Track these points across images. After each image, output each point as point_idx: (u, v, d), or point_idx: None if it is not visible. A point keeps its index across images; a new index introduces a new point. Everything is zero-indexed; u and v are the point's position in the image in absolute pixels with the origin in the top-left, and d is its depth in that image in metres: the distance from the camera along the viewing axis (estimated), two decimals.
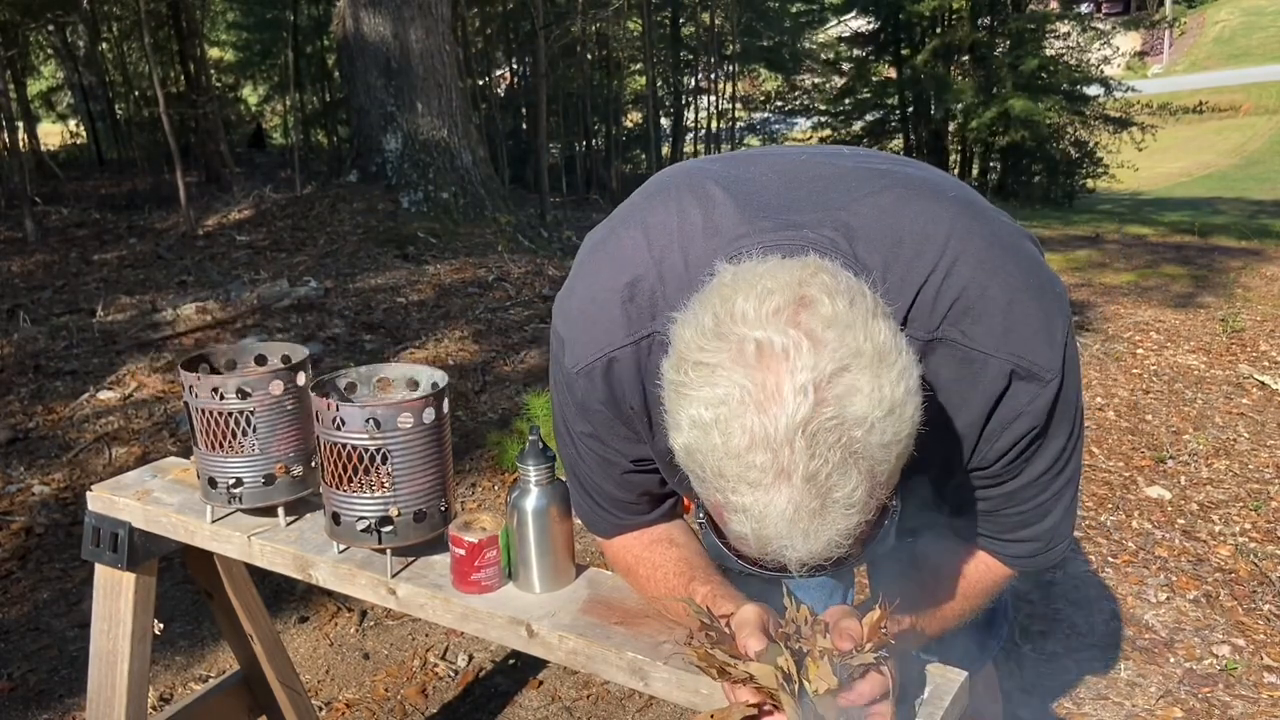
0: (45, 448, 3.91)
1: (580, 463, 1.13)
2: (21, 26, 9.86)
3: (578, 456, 1.13)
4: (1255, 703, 2.40)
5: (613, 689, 2.49)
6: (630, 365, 1.02)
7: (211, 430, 1.33)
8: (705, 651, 0.91)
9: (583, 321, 1.05)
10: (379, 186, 7.99)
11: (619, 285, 1.03)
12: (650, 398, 1.02)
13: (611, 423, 1.06)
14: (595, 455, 1.11)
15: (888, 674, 0.89)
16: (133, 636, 1.55)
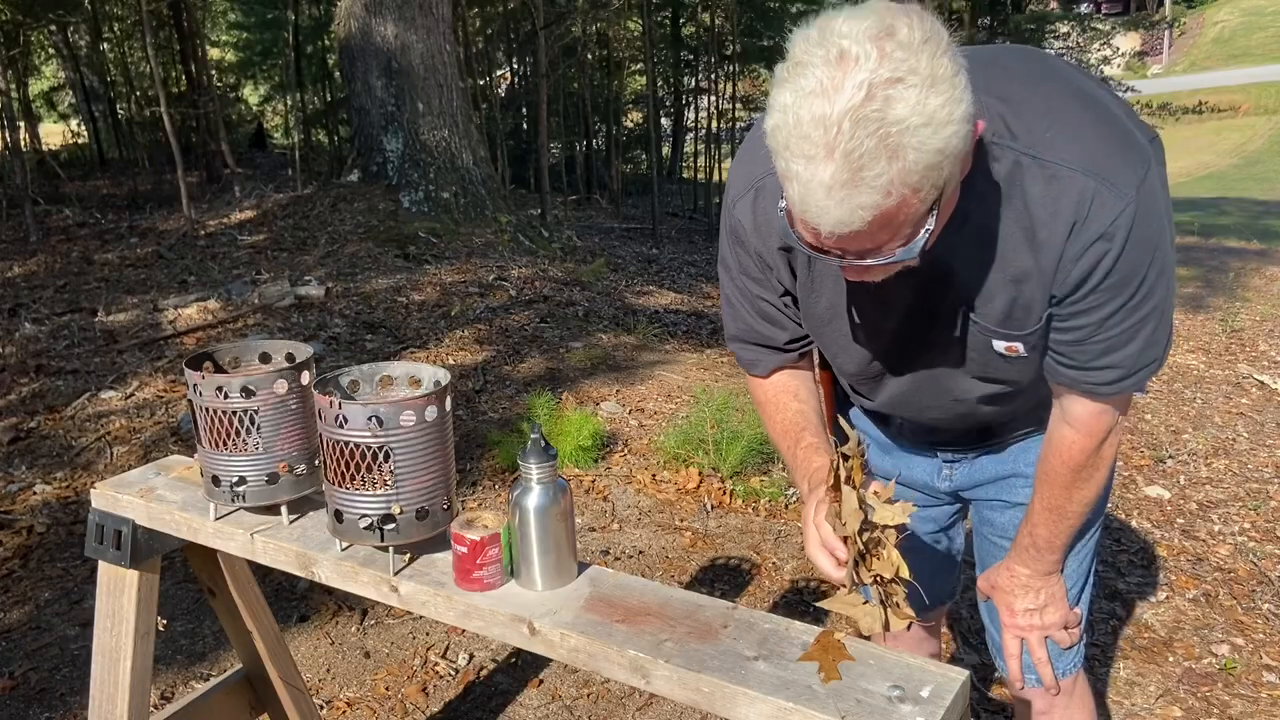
0: (47, 447, 3.91)
1: (735, 296, 1.38)
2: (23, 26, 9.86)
3: (735, 290, 1.37)
4: (1255, 701, 2.40)
5: (613, 687, 2.49)
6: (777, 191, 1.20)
7: (215, 428, 1.34)
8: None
9: (740, 160, 1.30)
10: (380, 186, 7.99)
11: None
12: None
13: (758, 254, 1.30)
14: (744, 288, 1.35)
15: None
16: (135, 634, 1.56)
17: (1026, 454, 1.48)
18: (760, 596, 2.94)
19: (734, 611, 1.12)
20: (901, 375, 1.35)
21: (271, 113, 16.43)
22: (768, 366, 1.43)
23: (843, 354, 1.37)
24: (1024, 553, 1.41)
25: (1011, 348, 1.22)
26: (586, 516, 3.45)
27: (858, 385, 1.44)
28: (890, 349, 1.32)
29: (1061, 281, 1.13)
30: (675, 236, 11.34)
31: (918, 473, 1.58)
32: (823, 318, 1.32)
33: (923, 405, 1.40)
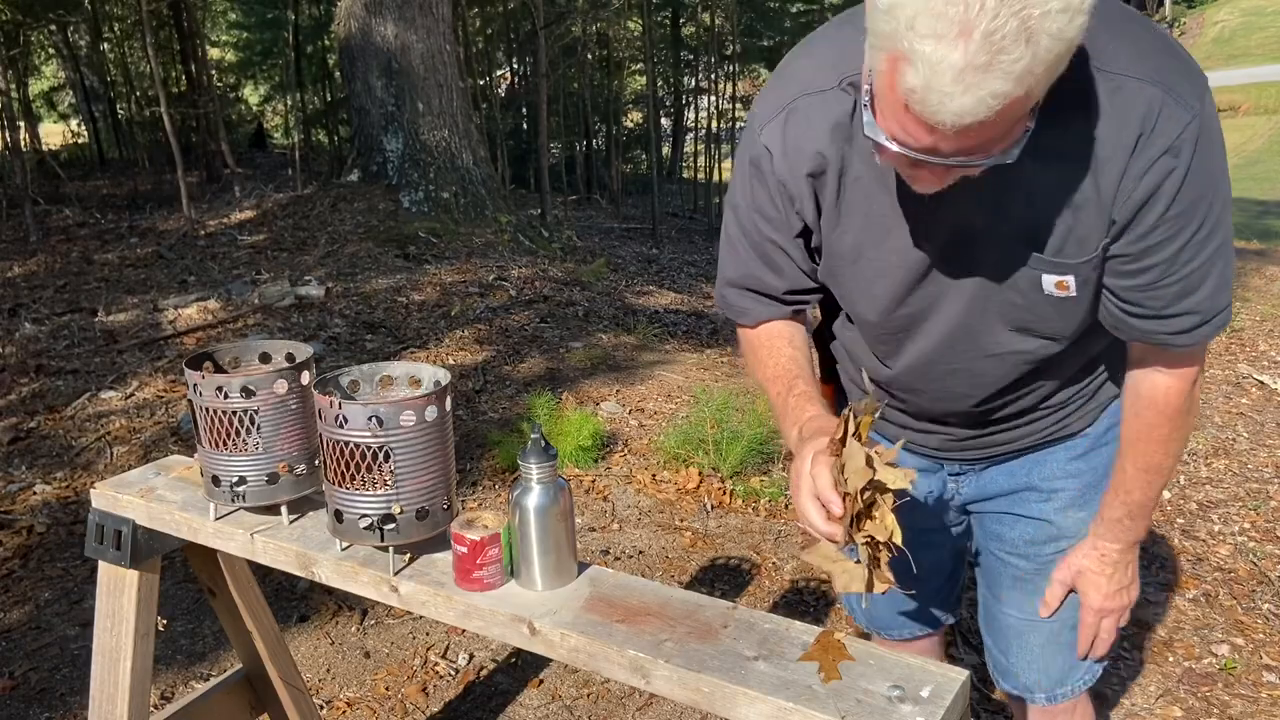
0: (47, 447, 3.91)
1: (739, 237, 1.31)
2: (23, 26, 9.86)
3: (739, 230, 1.31)
4: (1255, 701, 2.40)
5: (613, 687, 2.49)
6: (818, 107, 1.17)
7: (216, 428, 1.34)
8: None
9: (769, 89, 1.24)
10: (380, 186, 7.99)
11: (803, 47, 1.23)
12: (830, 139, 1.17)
13: (780, 184, 1.23)
14: (752, 227, 1.29)
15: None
16: (135, 634, 1.56)
17: (1041, 467, 1.43)
18: (760, 596, 2.94)
19: (734, 611, 1.12)
20: (931, 325, 1.26)
21: (271, 113, 16.43)
22: (757, 317, 1.37)
23: (865, 299, 1.28)
24: (1115, 526, 1.35)
25: (1062, 283, 1.15)
26: (586, 516, 3.45)
27: (878, 344, 1.35)
28: (923, 290, 1.23)
29: (1124, 203, 1.08)
30: (675, 236, 11.35)
31: (924, 486, 1.52)
32: (847, 255, 1.24)
33: (948, 368, 1.30)
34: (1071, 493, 1.41)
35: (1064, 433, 1.40)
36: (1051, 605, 1.43)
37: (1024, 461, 1.44)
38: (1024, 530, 1.45)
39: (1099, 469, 1.40)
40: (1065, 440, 1.42)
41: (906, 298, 1.24)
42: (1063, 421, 1.39)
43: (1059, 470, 1.41)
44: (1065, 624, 1.44)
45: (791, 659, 1.03)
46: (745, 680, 1.00)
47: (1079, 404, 1.39)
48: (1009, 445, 1.42)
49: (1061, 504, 1.42)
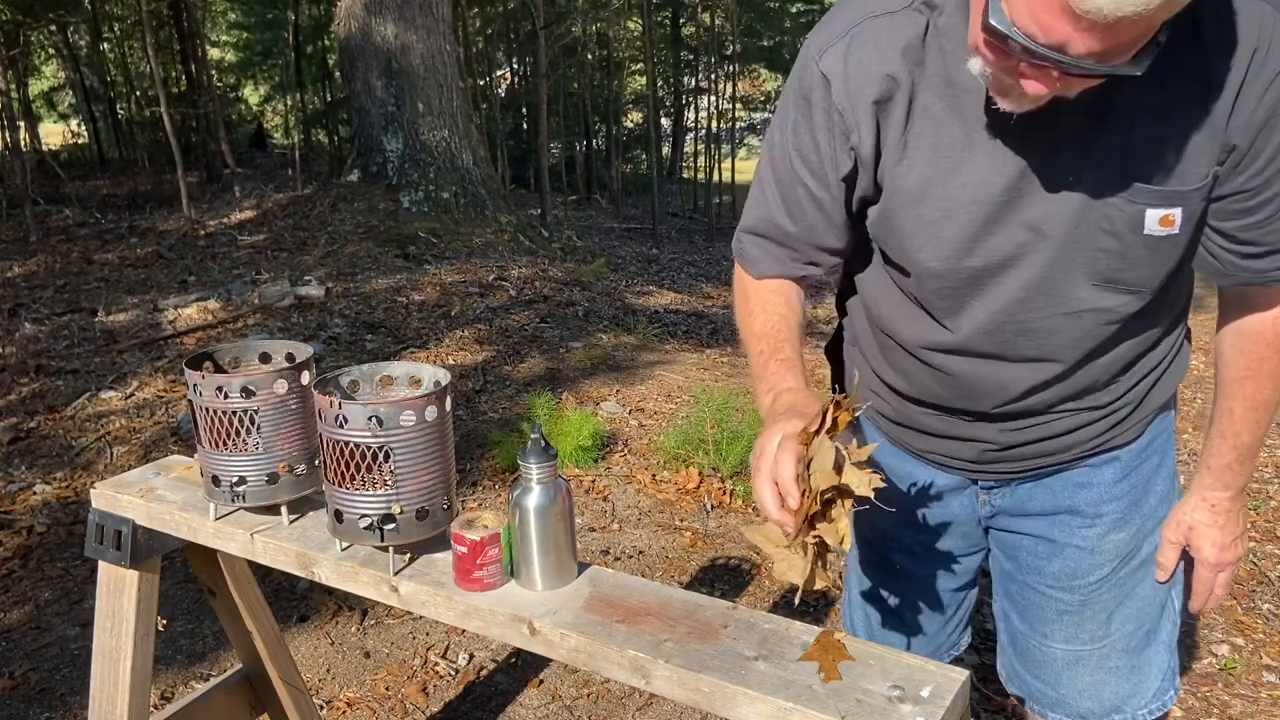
0: (47, 447, 3.91)
1: (769, 179, 1.23)
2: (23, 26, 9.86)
3: (772, 172, 1.23)
4: (1255, 701, 2.40)
5: (613, 687, 2.49)
6: (886, 29, 1.10)
7: (215, 428, 1.33)
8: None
9: (826, 20, 1.16)
10: (380, 186, 7.99)
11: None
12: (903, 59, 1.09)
13: (839, 113, 1.13)
14: (787, 168, 1.20)
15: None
16: (135, 634, 1.56)
17: (1086, 490, 1.33)
18: (760, 596, 2.94)
19: (734, 611, 1.12)
20: (1007, 277, 1.14)
21: (271, 113, 16.43)
22: (765, 269, 1.28)
23: (931, 245, 1.14)
24: (1225, 473, 1.28)
25: (1168, 218, 1.06)
26: (586, 516, 3.45)
27: (939, 301, 1.20)
28: (999, 235, 1.11)
29: (1243, 127, 1.01)
30: (675, 236, 11.35)
31: (954, 507, 1.40)
32: (911, 194, 1.13)
33: (1020, 328, 1.17)
34: (1115, 516, 1.34)
35: (1110, 443, 1.31)
36: (1168, 568, 1.35)
37: (1066, 481, 1.34)
38: (1065, 563, 1.35)
39: (1139, 485, 1.34)
40: (1110, 452, 1.32)
41: (979, 243, 1.12)
42: (1110, 431, 1.30)
43: (1105, 494, 1.33)
44: (1115, 647, 1.37)
45: (791, 659, 1.03)
46: (745, 680, 1.00)
47: (1128, 409, 1.30)
48: (1052, 457, 1.31)
49: (1105, 529, 1.34)
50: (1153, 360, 1.28)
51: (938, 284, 1.18)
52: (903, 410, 1.36)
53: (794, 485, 1.00)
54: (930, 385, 1.28)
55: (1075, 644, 1.39)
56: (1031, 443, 1.29)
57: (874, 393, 1.39)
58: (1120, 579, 1.35)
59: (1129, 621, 1.36)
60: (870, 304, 1.32)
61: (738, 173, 13.69)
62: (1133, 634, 1.36)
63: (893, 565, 1.46)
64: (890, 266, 1.24)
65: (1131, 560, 1.35)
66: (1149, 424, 1.33)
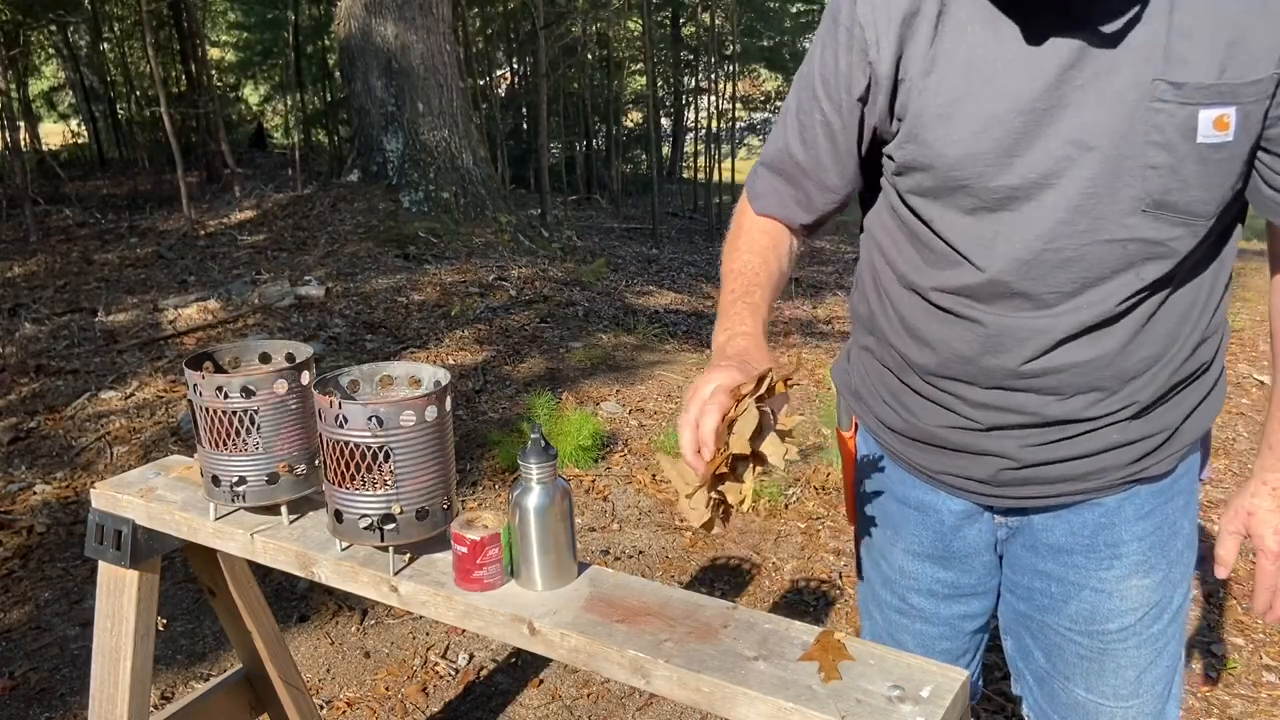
0: (47, 447, 3.91)
1: (793, 107, 1.21)
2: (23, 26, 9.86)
3: (796, 99, 1.21)
4: (1255, 701, 2.40)
5: (613, 687, 2.49)
6: None
7: (215, 428, 1.34)
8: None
9: None
10: (380, 186, 8.00)
11: None
12: None
13: (858, 29, 1.10)
14: (810, 93, 1.18)
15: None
16: (135, 634, 1.56)
17: (1108, 531, 1.23)
18: (760, 596, 2.94)
19: (734, 611, 1.12)
20: (1048, 198, 1.06)
21: (271, 113, 16.44)
22: (767, 206, 1.26)
23: (965, 164, 1.08)
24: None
25: (1222, 120, 0.98)
26: (586, 516, 3.45)
27: (970, 230, 1.11)
28: (1039, 147, 1.04)
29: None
30: (675, 236, 11.35)
31: (971, 537, 1.31)
32: (945, 109, 1.07)
33: (1059, 258, 1.08)
34: (1138, 557, 1.23)
35: (1138, 475, 1.21)
36: (1227, 562, 1.25)
37: (1083, 517, 1.24)
38: (1082, 605, 1.26)
39: (1164, 526, 1.24)
40: (1138, 485, 1.22)
41: (1016, 157, 1.05)
42: (1139, 462, 1.20)
43: (1125, 532, 1.23)
44: (1144, 711, 1.28)
45: (791, 659, 1.03)
46: (745, 680, 1.00)
47: (1162, 435, 1.20)
48: (1073, 483, 1.21)
49: (1124, 570, 1.24)
50: (1189, 369, 1.18)
51: (971, 204, 1.09)
52: (916, 418, 1.27)
53: (712, 439, 0.98)
54: (955, 345, 1.17)
55: (1096, 695, 1.30)
56: (1054, 463, 1.19)
57: (886, 403, 1.31)
58: (1152, 635, 1.26)
59: (1158, 684, 1.28)
60: (892, 260, 1.23)
61: (738, 173, 13.69)
62: (1160, 695, 1.29)
63: (911, 607, 1.38)
64: (913, 204, 1.17)
65: (1163, 615, 1.26)
66: (1180, 459, 1.23)
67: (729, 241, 1.29)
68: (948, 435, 1.23)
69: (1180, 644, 1.30)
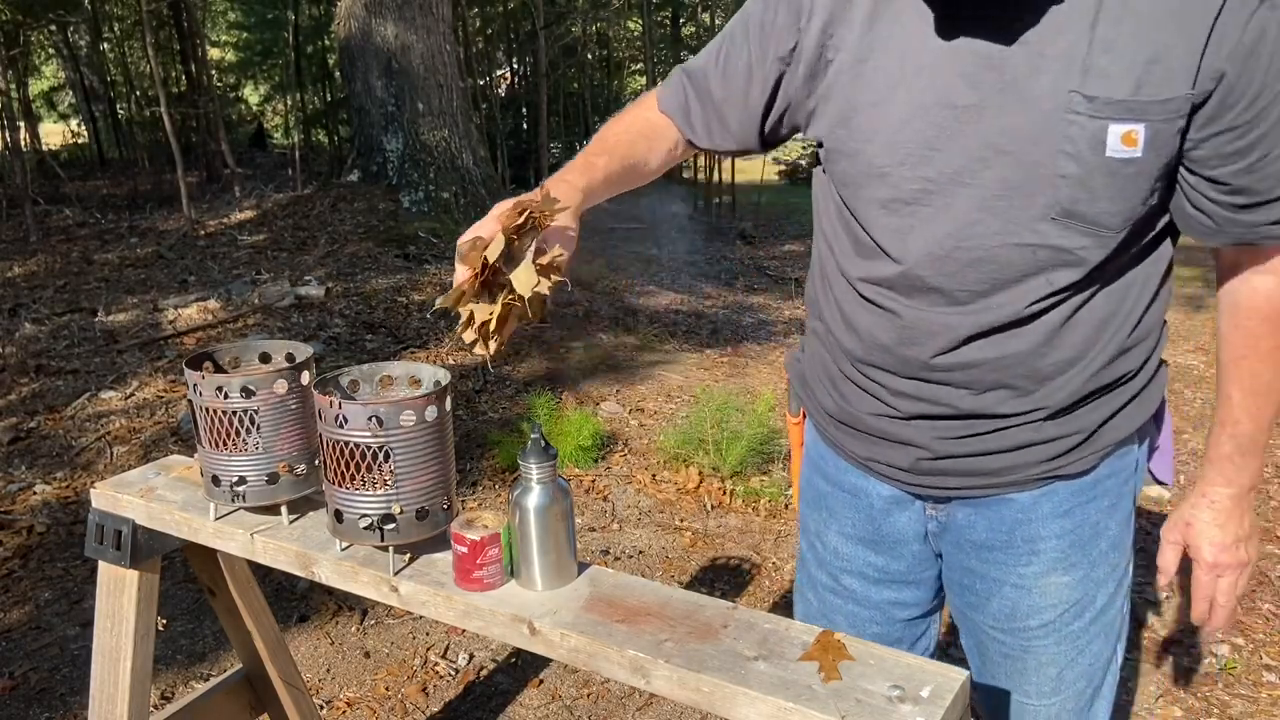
0: (47, 447, 3.91)
1: (724, 39, 1.27)
2: (23, 26, 9.86)
3: (728, 33, 1.27)
4: (1254, 701, 2.40)
5: (613, 687, 2.49)
6: None
7: (215, 428, 1.34)
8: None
9: None
10: (380, 186, 7.99)
11: None
12: None
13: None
14: (745, 29, 1.23)
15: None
16: (135, 634, 1.56)
17: (1024, 526, 1.25)
18: (760, 596, 2.94)
19: (734, 611, 1.12)
20: (962, 194, 1.09)
21: (271, 113, 16.43)
22: (670, 104, 1.33)
23: (888, 149, 1.11)
24: (1224, 465, 1.20)
25: (1130, 135, 1.01)
26: (586, 516, 3.45)
27: (890, 219, 1.15)
28: (958, 143, 1.07)
29: (1229, 51, 0.97)
30: (675, 236, 11.34)
31: (902, 523, 1.34)
32: (869, 100, 1.11)
33: (970, 256, 1.11)
34: (1055, 554, 1.25)
35: (1053, 473, 1.23)
36: (1168, 571, 1.29)
37: (1002, 513, 1.26)
38: (1003, 602, 1.29)
39: (1085, 525, 1.25)
40: (1056, 483, 1.24)
41: (936, 151, 1.09)
42: (1054, 460, 1.22)
43: (1041, 529, 1.25)
44: (1065, 708, 1.31)
45: (791, 659, 1.03)
46: (745, 680, 1.00)
47: (1078, 436, 1.21)
48: (987, 477, 1.24)
49: (1043, 567, 1.26)
50: (1109, 376, 1.19)
51: (889, 195, 1.13)
52: (849, 404, 1.30)
53: (469, 256, 1.06)
54: (876, 334, 1.21)
55: (1020, 693, 1.32)
56: (968, 455, 1.22)
57: (826, 389, 1.35)
58: (1073, 633, 1.28)
59: (1079, 680, 1.30)
60: (832, 248, 1.27)
61: (738, 172, 13.68)
62: (1082, 693, 1.31)
63: (844, 588, 1.41)
64: (843, 193, 1.21)
65: (1085, 613, 1.28)
66: (1101, 459, 1.24)
67: (615, 115, 1.38)
68: (873, 422, 1.27)
69: (1109, 644, 1.31)
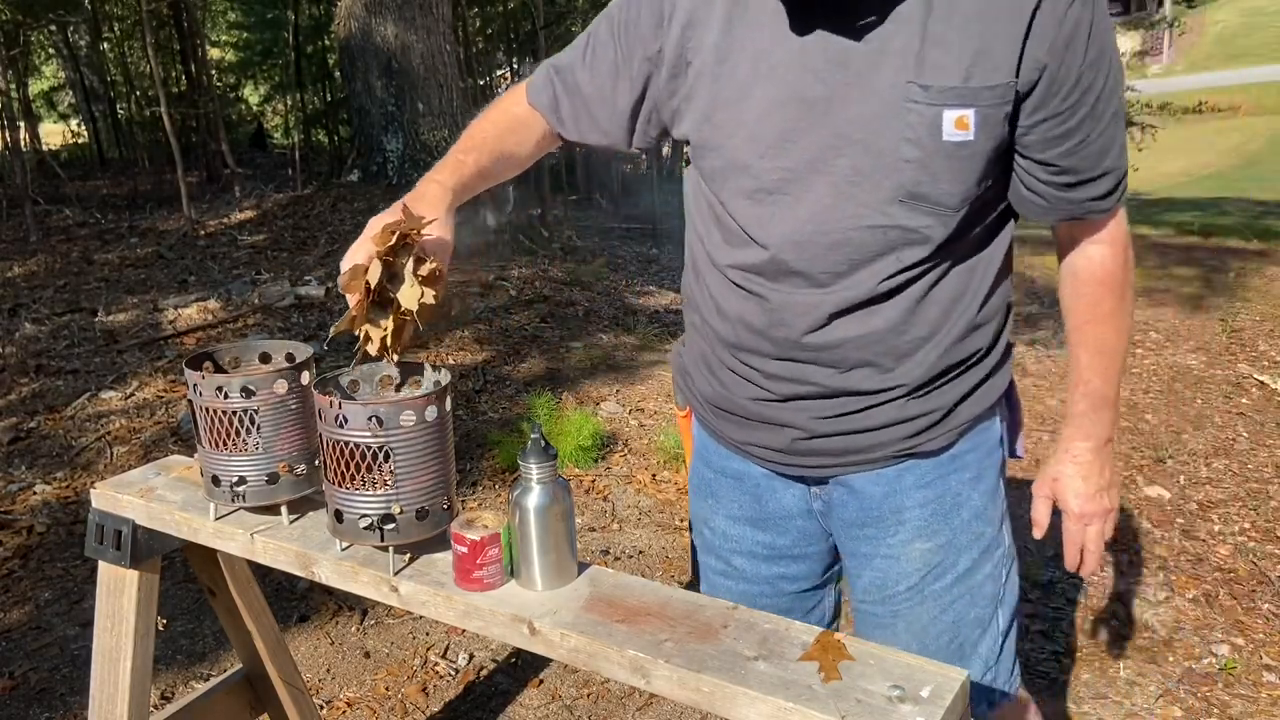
0: (47, 447, 3.91)
1: (593, 35, 1.35)
2: (23, 26, 9.86)
3: (594, 30, 1.35)
4: (1254, 701, 2.40)
5: (613, 687, 2.49)
6: None
7: (215, 428, 1.34)
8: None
9: None
10: (380, 186, 7.99)
11: None
12: None
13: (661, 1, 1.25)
14: (610, 32, 1.32)
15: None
16: (135, 634, 1.56)
17: (892, 498, 1.33)
18: None
19: (734, 611, 1.12)
20: (817, 183, 1.17)
21: (271, 113, 16.41)
22: (538, 98, 1.39)
23: (749, 144, 1.20)
24: (1081, 422, 1.33)
25: (962, 120, 1.10)
26: (586, 516, 3.45)
27: (754, 209, 1.23)
28: (812, 136, 1.16)
29: (1048, 43, 1.08)
30: (675, 236, 11.34)
31: (787, 501, 1.42)
32: (730, 97, 1.20)
33: (829, 240, 1.19)
34: (919, 523, 1.34)
35: (916, 449, 1.32)
36: (1041, 523, 1.40)
37: (874, 491, 1.35)
38: (874, 574, 1.37)
39: (946, 496, 1.34)
40: (913, 459, 1.33)
41: (791, 142, 1.17)
42: (916, 437, 1.30)
43: (905, 500, 1.34)
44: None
45: (791, 659, 1.03)
46: (745, 680, 1.00)
47: (937, 414, 1.30)
48: (858, 455, 1.32)
49: (908, 535, 1.34)
50: (962, 353, 1.28)
51: (753, 185, 1.22)
52: (728, 391, 1.37)
53: (351, 285, 1.16)
54: (748, 318, 1.29)
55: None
56: (839, 434, 1.31)
57: (705, 378, 1.41)
58: (935, 592, 1.35)
59: (942, 635, 1.36)
60: (703, 240, 1.34)
61: None
62: (944, 648, 1.36)
63: (735, 569, 1.49)
64: (711, 187, 1.28)
65: (945, 575, 1.35)
66: (960, 435, 1.33)
67: (484, 110, 1.43)
68: (751, 406, 1.34)
69: (979, 607, 1.37)
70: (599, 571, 1.23)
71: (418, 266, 1.16)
